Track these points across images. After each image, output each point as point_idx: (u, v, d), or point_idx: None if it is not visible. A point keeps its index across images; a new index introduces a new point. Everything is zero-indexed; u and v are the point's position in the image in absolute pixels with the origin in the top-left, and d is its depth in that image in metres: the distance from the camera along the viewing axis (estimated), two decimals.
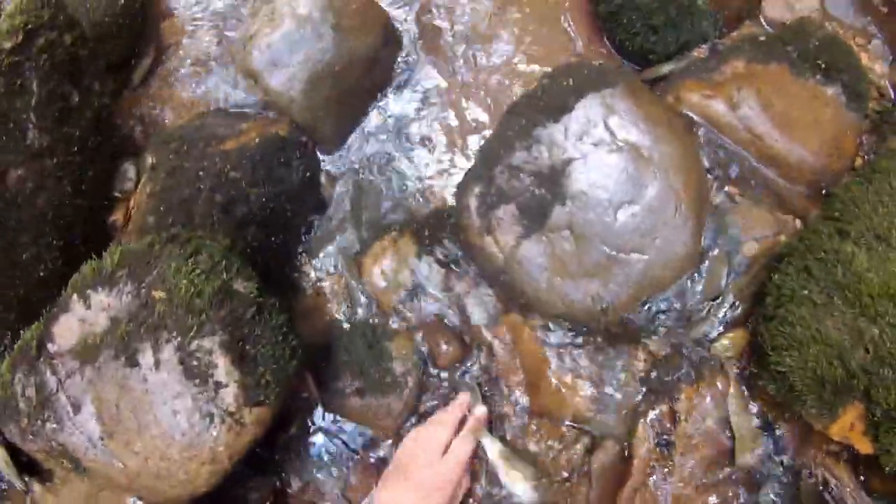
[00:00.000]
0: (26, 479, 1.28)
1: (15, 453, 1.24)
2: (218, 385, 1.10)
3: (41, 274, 1.34)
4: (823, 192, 1.37)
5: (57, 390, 1.13)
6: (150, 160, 1.44)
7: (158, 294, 1.13)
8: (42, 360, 1.15)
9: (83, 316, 1.16)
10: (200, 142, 1.39)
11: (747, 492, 1.29)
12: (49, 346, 1.15)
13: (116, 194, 1.50)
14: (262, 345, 1.13)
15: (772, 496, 1.30)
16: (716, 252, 1.31)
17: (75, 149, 1.39)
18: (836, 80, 1.37)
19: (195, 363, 1.10)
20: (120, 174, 1.51)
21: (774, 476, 1.30)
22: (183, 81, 1.60)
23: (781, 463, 1.30)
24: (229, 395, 1.10)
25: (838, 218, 1.28)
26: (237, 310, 1.13)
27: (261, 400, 1.12)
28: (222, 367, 1.10)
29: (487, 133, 1.41)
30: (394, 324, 1.33)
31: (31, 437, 1.13)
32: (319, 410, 1.33)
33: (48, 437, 1.13)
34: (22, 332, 1.20)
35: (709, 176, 1.33)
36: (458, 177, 1.36)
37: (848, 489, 1.28)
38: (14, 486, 1.34)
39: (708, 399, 1.29)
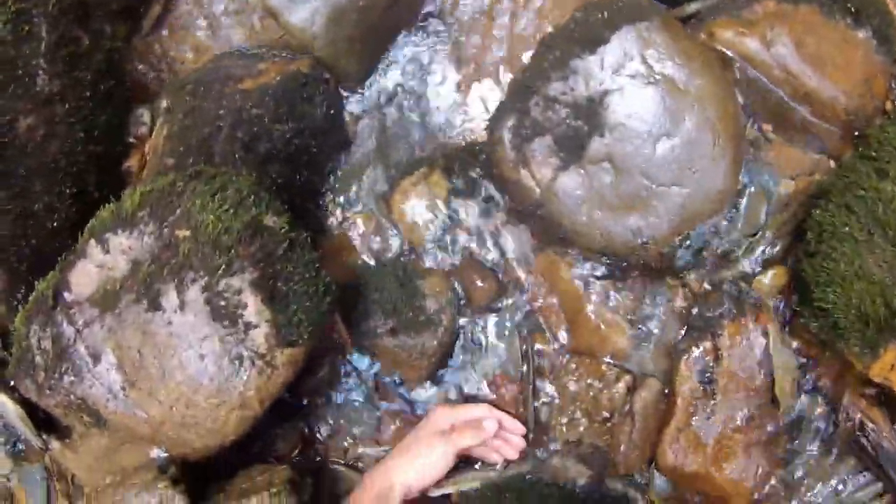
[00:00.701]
0: (44, 436, 1.18)
1: (32, 410, 1.15)
2: (248, 326, 1.03)
3: (54, 224, 1.26)
4: (856, 133, 1.33)
5: (75, 341, 1.06)
6: (165, 104, 1.37)
7: (182, 233, 1.05)
8: (59, 310, 1.07)
9: (102, 261, 1.08)
10: (217, 83, 1.32)
11: (787, 431, 1.25)
12: (65, 295, 1.08)
13: (131, 140, 1.41)
14: (294, 282, 1.06)
15: (810, 436, 1.27)
16: (753, 188, 1.27)
17: (87, 94, 1.31)
18: (866, 24, 1.33)
19: (223, 303, 1.02)
20: (134, 119, 1.42)
21: (813, 416, 1.27)
22: (195, 25, 1.50)
23: (820, 404, 1.27)
24: (260, 335, 1.03)
25: (875, 158, 1.24)
26: (267, 245, 1.05)
27: (293, 340, 1.05)
28: (252, 307, 1.02)
29: (516, 66, 1.35)
30: (426, 262, 1.28)
31: (48, 391, 1.07)
32: (349, 352, 1.26)
33: (66, 390, 1.06)
34: (36, 283, 1.13)
35: (744, 113, 1.29)
36: (488, 111, 1.31)
37: (884, 433, 1.25)
38: (31, 445, 1.24)
39: (749, 336, 1.24)
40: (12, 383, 1.12)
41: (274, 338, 1.04)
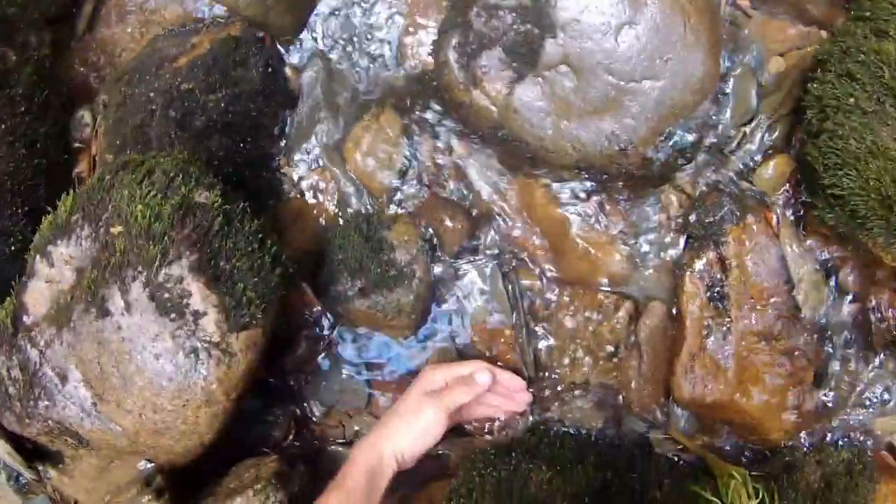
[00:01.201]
0: (39, 466, 1.12)
1: (20, 443, 1.09)
2: (196, 315, 0.95)
3: (12, 248, 1.19)
4: None
5: (41, 364, 1.01)
6: (102, 99, 1.29)
7: (116, 229, 0.98)
8: (20, 335, 1.02)
9: (49, 276, 1.02)
10: (152, 67, 1.24)
11: (815, 340, 1.10)
12: (24, 318, 1.03)
13: (77, 145, 1.33)
14: (236, 258, 0.97)
15: (843, 342, 1.11)
16: (739, 70, 1.12)
17: (21, 109, 1.24)
18: None
19: (167, 295, 0.95)
20: (75, 122, 1.34)
21: (843, 320, 1.11)
22: (128, 17, 1.40)
23: (848, 305, 1.11)
24: (210, 323, 0.96)
25: (871, 18, 1.08)
26: (202, 224, 0.97)
27: (247, 322, 0.97)
28: (197, 294, 0.95)
29: None
30: (390, 209, 1.17)
31: (27, 420, 1.02)
32: (324, 322, 1.16)
33: (43, 416, 1.01)
34: None
35: None
36: (433, 34, 1.18)
37: None
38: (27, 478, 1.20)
39: (758, 239, 1.09)
40: None
41: (225, 323, 0.96)
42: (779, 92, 1.13)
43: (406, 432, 1.00)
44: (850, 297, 1.12)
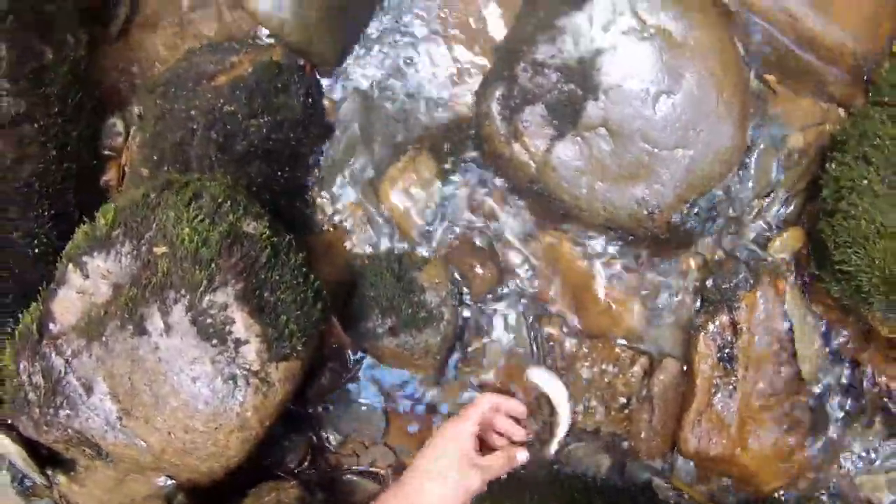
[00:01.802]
0: (49, 472, 1.13)
1: (34, 447, 1.10)
2: (238, 342, 0.98)
3: (36, 251, 1.21)
4: (865, 78, 1.24)
5: (65, 373, 1.02)
6: (136, 110, 1.32)
7: (160, 249, 1.00)
8: (45, 342, 1.03)
9: (83, 287, 1.04)
10: (189, 82, 1.26)
11: (813, 401, 1.19)
12: (51, 326, 1.04)
13: (107, 152, 1.35)
14: (281, 290, 1.00)
15: (837, 405, 1.21)
16: (762, 144, 1.19)
17: (55, 110, 1.25)
18: None
19: (209, 321, 0.97)
20: (106, 129, 1.35)
21: (839, 384, 1.21)
22: (162, 25, 1.43)
23: (845, 371, 1.21)
24: (251, 352, 0.98)
25: (888, 103, 1.17)
26: (249, 254, 0.99)
27: (287, 353, 1.00)
28: (240, 322, 0.98)
29: (501, 33, 1.27)
30: (421, 251, 1.21)
31: (45, 428, 1.03)
32: (350, 357, 1.20)
33: (63, 425, 1.03)
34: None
35: (745, 64, 1.21)
36: (476, 82, 1.23)
37: None
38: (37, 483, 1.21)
39: (768, 306, 1.17)
40: (10, 422, 1.08)
41: (266, 353, 0.99)
42: (797, 167, 1.20)
43: (451, 500, 1.00)
44: (847, 364, 1.20)
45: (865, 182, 1.08)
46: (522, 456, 1.08)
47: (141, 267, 1.00)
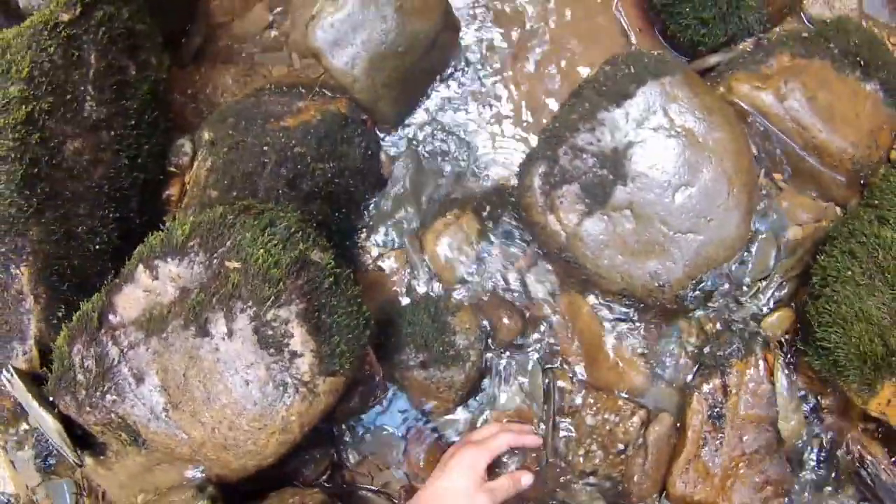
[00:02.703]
0: (79, 452, 1.24)
1: (69, 426, 1.20)
2: (293, 354, 1.09)
3: (96, 247, 1.32)
4: (861, 181, 1.45)
5: (119, 362, 1.12)
6: (206, 135, 1.46)
7: (232, 264, 1.12)
8: (103, 331, 1.14)
9: (149, 286, 1.15)
10: (259, 118, 1.42)
11: (790, 464, 1.36)
12: (111, 317, 1.15)
13: (172, 169, 1.50)
14: (337, 315, 1.13)
15: (812, 467, 1.37)
16: (764, 235, 1.39)
17: (132, 122, 1.39)
18: (875, 76, 1.45)
19: (270, 332, 1.09)
20: (175, 148, 1.51)
21: (815, 449, 1.37)
22: (234, 60, 1.63)
23: (821, 438, 1.37)
24: (304, 364, 1.09)
25: (878, 206, 1.35)
26: (314, 279, 1.13)
27: (335, 370, 1.12)
28: (298, 337, 1.09)
29: (543, 114, 1.49)
30: (456, 299, 1.38)
31: (88, 409, 1.12)
32: (379, 383, 1.36)
33: (107, 409, 1.12)
34: (76, 303, 1.19)
35: (756, 163, 1.41)
36: (516, 157, 1.43)
37: (882, 465, 1.36)
38: (63, 460, 1.33)
39: (757, 374, 1.35)
40: (51, 399, 1.17)
41: (317, 367, 1.10)
42: (793, 257, 1.39)
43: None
44: (824, 432, 1.37)
45: (849, 273, 1.26)
46: (527, 480, 1.24)
47: (211, 276, 1.12)
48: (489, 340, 1.37)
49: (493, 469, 1.29)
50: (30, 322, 1.23)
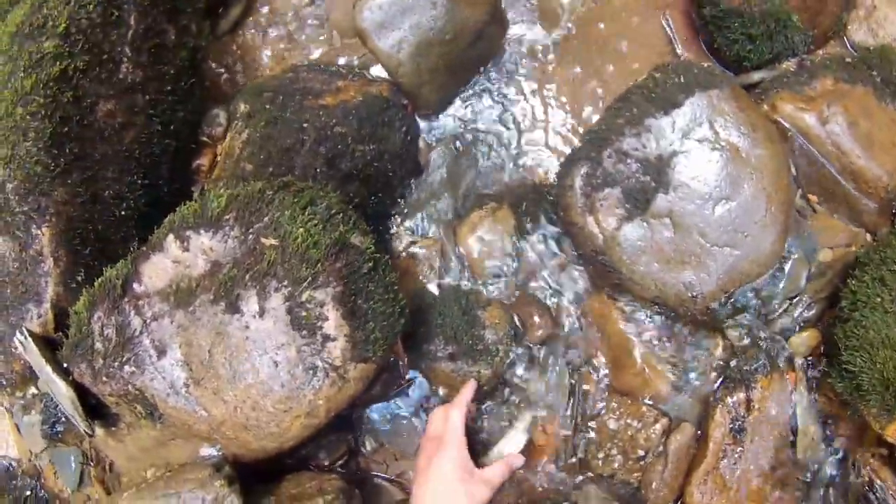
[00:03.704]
0: (90, 421, 1.24)
1: (82, 394, 1.20)
2: (326, 338, 1.10)
3: (122, 212, 1.32)
4: (893, 210, 1.49)
5: (141, 332, 1.12)
6: (242, 107, 1.46)
7: (269, 241, 1.12)
8: (127, 299, 1.13)
9: (179, 257, 1.15)
10: (297, 94, 1.43)
11: (804, 482, 1.41)
12: (135, 286, 1.14)
13: (204, 139, 1.51)
14: (374, 301, 1.13)
15: (824, 487, 1.42)
16: (796, 255, 1.44)
17: (168, 88, 1.39)
18: None
19: (304, 314, 1.09)
20: (209, 118, 1.52)
21: (829, 469, 1.42)
22: (273, 34, 1.63)
23: (836, 459, 1.42)
24: (337, 348, 1.10)
25: None
26: (353, 263, 1.13)
27: (367, 356, 1.12)
28: (333, 321, 1.10)
29: (588, 116, 1.52)
30: (488, 293, 1.41)
31: (104, 378, 1.12)
32: (404, 372, 1.38)
33: (125, 380, 1.12)
34: (97, 269, 1.19)
35: (794, 182, 1.46)
36: (555, 155, 1.46)
37: (890, 491, 1.40)
38: (71, 428, 1.31)
39: (780, 391, 1.40)
40: (66, 365, 1.17)
41: (350, 352, 1.10)
42: (823, 279, 1.44)
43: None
44: (838, 453, 1.42)
45: (878, 300, 1.31)
46: (519, 461, 1.26)
47: (246, 252, 1.11)
48: (517, 337, 1.40)
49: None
50: (47, 284, 1.22)
